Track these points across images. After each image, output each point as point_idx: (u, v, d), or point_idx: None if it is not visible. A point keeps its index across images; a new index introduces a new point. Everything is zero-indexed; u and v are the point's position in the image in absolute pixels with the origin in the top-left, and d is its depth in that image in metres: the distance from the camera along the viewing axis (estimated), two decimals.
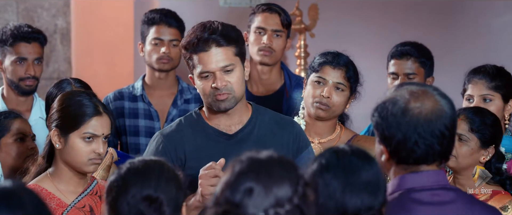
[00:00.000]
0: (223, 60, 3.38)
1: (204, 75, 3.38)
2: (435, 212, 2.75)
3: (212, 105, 3.41)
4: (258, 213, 2.10)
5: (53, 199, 3.27)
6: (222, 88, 3.36)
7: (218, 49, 3.37)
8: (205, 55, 3.37)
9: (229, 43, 3.40)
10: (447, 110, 2.77)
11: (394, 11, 6.02)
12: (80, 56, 6.20)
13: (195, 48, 3.37)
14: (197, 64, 3.39)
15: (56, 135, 3.30)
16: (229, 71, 3.39)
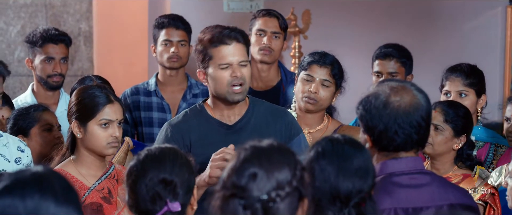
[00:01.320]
0: (241, 55, 3.40)
1: (223, 67, 3.38)
2: (413, 193, 2.77)
3: (226, 95, 3.40)
4: (262, 195, 2.11)
5: (76, 182, 3.27)
6: (240, 77, 3.37)
7: (238, 44, 3.39)
8: (226, 48, 3.38)
9: (245, 42, 3.44)
10: (423, 103, 2.79)
11: (377, 16, 6.01)
12: (100, 56, 6.16)
13: (216, 42, 3.38)
14: (215, 57, 3.39)
15: (76, 126, 3.31)
16: (244, 66, 3.41)
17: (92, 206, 3.27)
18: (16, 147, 3.53)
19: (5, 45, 6.25)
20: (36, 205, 1.88)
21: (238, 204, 2.12)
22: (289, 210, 2.13)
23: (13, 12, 6.24)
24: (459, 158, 3.63)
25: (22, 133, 3.91)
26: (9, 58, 6.11)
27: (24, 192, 1.89)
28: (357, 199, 2.44)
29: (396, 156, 2.81)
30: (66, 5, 6.27)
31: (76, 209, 1.92)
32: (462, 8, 6.11)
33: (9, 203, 1.88)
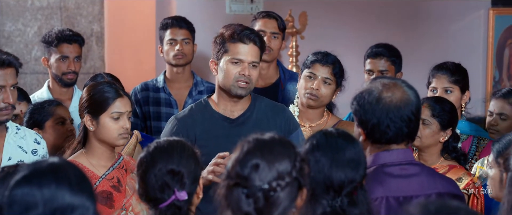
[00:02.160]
0: (254, 57, 3.43)
1: (234, 61, 3.41)
2: (404, 183, 2.78)
3: (231, 88, 3.42)
4: (263, 185, 2.11)
5: (87, 172, 3.23)
6: (247, 76, 3.39)
7: (254, 47, 3.43)
8: (243, 47, 3.41)
9: (261, 47, 3.46)
10: (413, 98, 2.79)
11: (369, 18, 6.01)
12: (111, 55, 6.16)
13: (235, 38, 3.40)
14: (230, 51, 3.41)
15: (89, 120, 3.29)
16: (254, 67, 3.43)
17: (102, 194, 3.25)
18: (33, 139, 3.51)
19: (23, 45, 6.26)
20: (53, 194, 1.88)
21: (241, 193, 2.12)
22: (288, 199, 2.13)
23: (30, 14, 6.25)
24: (445, 150, 3.63)
25: (37, 126, 3.90)
26: (26, 57, 6.13)
27: (41, 181, 1.89)
28: (349, 189, 2.43)
29: (388, 148, 2.81)
30: (79, 8, 6.30)
31: (89, 198, 1.92)
32: (447, 10, 6.12)
33: (27, 191, 1.88)
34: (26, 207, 1.87)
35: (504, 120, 4.06)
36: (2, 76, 3.22)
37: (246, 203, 2.11)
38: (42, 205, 1.87)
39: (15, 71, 3.27)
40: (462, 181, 3.46)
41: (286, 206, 2.12)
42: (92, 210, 1.91)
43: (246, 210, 2.11)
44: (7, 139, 3.39)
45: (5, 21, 6.18)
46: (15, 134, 3.43)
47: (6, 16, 6.17)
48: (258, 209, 2.10)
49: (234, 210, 2.13)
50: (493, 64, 6.12)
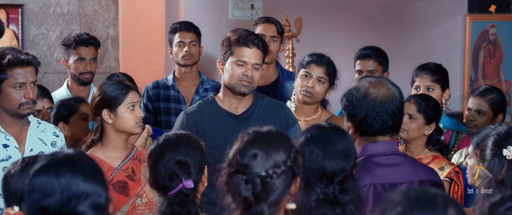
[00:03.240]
0: (257, 59, 3.44)
1: (239, 63, 3.42)
2: (389, 171, 2.78)
3: (235, 87, 3.44)
4: (261, 172, 2.11)
5: (104, 165, 3.22)
6: (250, 77, 3.41)
7: (257, 50, 3.44)
8: (247, 50, 3.42)
9: (264, 50, 3.48)
10: (397, 95, 2.80)
11: (358, 23, 6.01)
12: (125, 56, 6.18)
13: (241, 42, 3.42)
14: (235, 53, 3.43)
15: (107, 114, 3.25)
16: (257, 69, 3.45)
17: (119, 183, 3.23)
18: (52, 132, 3.49)
19: (46, 48, 6.27)
20: (68, 182, 1.87)
21: (241, 179, 2.12)
22: (283, 186, 2.12)
23: (53, 20, 6.28)
24: (429, 142, 3.62)
25: (63, 120, 3.88)
26: (49, 59, 6.15)
27: (58, 170, 1.88)
28: (341, 177, 2.42)
29: (375, 140, 2.81)
30: (96, 14, 6.33)
31: (102, 186, 1.92)
32: (429, 16, 6.13)
33: (45, 180, 1.88)
34: (45, 194, 1.86)
35: (481, 116, 4.08)
36: (23, 74, 3.22)
37: (245, 188, 2.11)
38: (59, 192, 1.86)
39: (34, 69, 3.26)
40: (444, 169, 3.45)
41: (281, 192, 2.12)
42: (105, 197, 1.90)
43: (245, 195, 2.11)
44: (29, 132, 3.37)
45: (30, 26, 6.20)
46: (36, 128, 3.41)
47: (31, 21, 6.19)
48: (256, 194, 2.10)
49: (234, 195, 2.13)
50: (470, 65, 6.13)
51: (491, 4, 6.03)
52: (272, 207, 2.10)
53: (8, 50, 3.23)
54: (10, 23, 6.11)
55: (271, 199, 2.10)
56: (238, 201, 2.12)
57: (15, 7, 6.13)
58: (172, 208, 2.48)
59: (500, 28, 6.09)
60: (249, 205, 2.10)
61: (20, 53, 3.23)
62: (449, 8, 6.11)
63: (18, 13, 6.13)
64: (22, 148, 3.33)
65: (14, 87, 3.21)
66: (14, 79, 3.20)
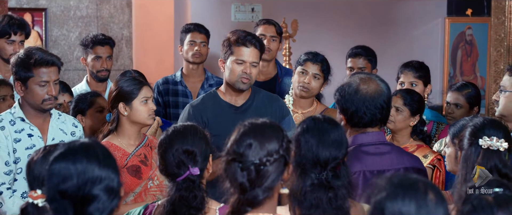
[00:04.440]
0: (255, 58, 3.44)
1: (238, 62, 3.42)
2: (378, 159, 2.77)
3: (235, 83, 3.44)
4: (255, 161, 2.09)
5: (119, 150, 3.23)
6: (248, 74, 3.41)
7: (255, 49, 3.43)
8: (246, 50, 3.42)
9: (261, 50, 3.47)
10: (385, 90, 2.79)
11: (349, 25, 6.01)
12: (138, 55, 6.19)
13: (239, 42, 3.41)
14: (235, 53, 3.42)
15: (123, 107, 3.25)
16: (254, 66, 3.44)
17: (132, 167, 3.23)
18: (72, 123, 3.48)
19: (67, 47, 6.31)
20: (84, 168, 1.88)
21: (237, 167, 2.11)
22: (276, 172, 2.11)
23: (73, 22, 6.33)
24: (413, 132, 3.61)
25: (81, 113, 3.87)
26: (69, 57, 6.20)
27: (75, 157, 1.89)
28: (333, 164, 2.40)
29: (365, 131, 2.81)
30: (112, 17, 6.38)
31: (115, 171, 1.92)
32: (412, 19, 6.14)
33: (63, 166, 1.88)
34: (63, 179, 1.87)
35: (459, 109, 4.09)
36: (47, 74, 3.22)
37: (241, 175, 2.09)
38: (76, 177, 1.86)
39: (57, 69, 3.27)
40: (428, 157, 3.44)
41: (274, 179, 2.10)
42: (117, 181, 1.90)
43: (240, 181, 2.09)
44: (51, 123, 3.37)
45: (53, 28, 6.26)
46: (57, 119, 3.41)
47: (53, 24, 6.25)
48: (251, 180, 2.09)
49: (231, 181, 2.12)
50: (449, 62, 6.13)
51: (468, 8, 6.03)
52: (266, 192, 2.09)
53: (35, 50, 3.24)
54: (35, 25, 6.20)
55: (265, 185, 2.08)
56: (235, 186, 2.11)
57: (39, 10, 6.23)
58: (180, 192, 2.46)
59: (476, 29, 6.10)
60: (245, 190, 2.09)
61: (45, 54, 3.24)
62: (430, 12, 6.12)
63: (42, 16, 6.23)
64: (45, 137, 3.33)
65: (39, 85, 3.22)
66: (39, 78, 3.21)
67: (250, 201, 2.08)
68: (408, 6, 6.07)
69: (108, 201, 1.87)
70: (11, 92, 3.78)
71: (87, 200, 1.86)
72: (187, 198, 2.44)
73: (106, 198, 1.87)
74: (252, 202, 2.08)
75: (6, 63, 4.22)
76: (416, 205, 1.75)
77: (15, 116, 3.29)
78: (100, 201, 1.86)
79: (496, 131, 2.55)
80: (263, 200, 2.09)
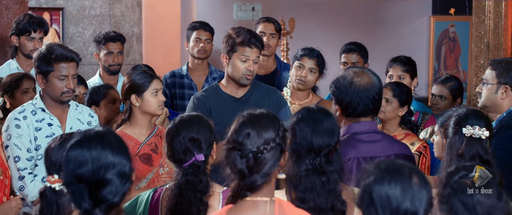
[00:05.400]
0: (256, 55, 3.44)
1: (243, 59, 3.41)
2: (370, 147, 2.76)
3: (239, 79, 3.44)
4: (253, 149, 2.07)
5: (132, 139, 3.22)
6: (252, 71, 3.42)
7: (257, 49, 3.44)
8: (249, 50, 3.42)
9: (261, 47, 3.47)
10: (377, 83, 2.78)
11: (342, 23, 6.00)
12: (147, 51, 6.19)
13: (244, 43, 3.40)
14: (239, 52, 3.41)
15: (135, 98, 3.25)
16: (256, 63, 3.45)
17: (144, 155, 3.22)
18: (88, 113, 3.48)
19: (82, 43, 6.32)
20: (98, 154, 1.87)
21: (237, 154, 2.09)
22: (273, 159, 2.09)
23: (87, 20, 6.33)
24: (402, 122, 3.60)
25: (95, 104, 3.86)
26: (84, 53, 6.22)
27: (90, 145, 1.88)
28: (326, 151, 2.38)
29: (358, 120, 2.79)
30: (123, 15, 6.37)
31: (126, 157, 1.91)
32: (400, 17, 6.14)
33: (79, 152, 1.87)
34: (79, 164, 1.86)
35: (443, 100, 4.09)
36: (66, 69, 3.22)
37: (240, 162, 2.07)
38: (91, 163, 1.86)
39: (76, 64, 3.27)
40: (415, 144, 3.44)
41: (271, 165, 2.08)
42: (128, 167, 1.89)
43: (240, 167, 2.08)
44: (69, 113, 3.37)
45: (69, 26, 6.27)
46: (75, 110, 3.41)
47: (69, 22, 6.26)
48: (249, 167, 2.07)
49: (231, 167, 2.10)
50: (434, 57, 6.12)
51: (451, 8, 6.02)
52: (264, 178, 2.07)
53: (56, 47, 3.24)
54: (53, 23, 6.23)
55: (262, 171, 2.06)
56: (235, 172, 2.09)
57: (57, 10, 6.25)
58: (186, 177, 2.44)
59: (459, 27, 6.09)
60: (244, 176, 2.07)
61: (65, 50, 3.24)
62: (416, 11, 6.10)
63: (59, 15, 6.25)
64: (63, 126, 3.33)
65: (58, 79, 3.22)
66: (59, 72, 3.21)
67: (249, 186, 2.07)
68: (396, 6, 6.06)
69: (120, 185, 1.87)
70: (33, 85, 3.77)
71: (101, 184, 1.85)
72: (193, 182, 2.43)
73: (118, 182, 1.86)
74: (251, 187, 2.07)
75: (27, 58, 4.25)
76: (401, 188, 1.74)
77: (36, 107, 3.29)
78: (113, 185, 1.85)
79: (479, 120, 2.57)
80: (261, 185, 2.07)
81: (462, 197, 1.93)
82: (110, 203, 1.86)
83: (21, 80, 3.74)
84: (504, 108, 3.11)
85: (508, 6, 5.26)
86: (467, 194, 1.92)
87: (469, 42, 5.79)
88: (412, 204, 1.73)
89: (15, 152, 3.20)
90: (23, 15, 4.34)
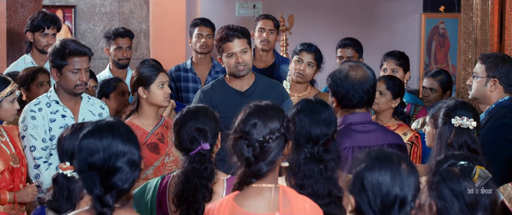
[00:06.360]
0: (242, 46, 3.37)
1: (229, 55, 3.36)
2: (364, 136, 2.75)
3: (234, 73, 3.40)
4: (259, 138, 2.07)
5: (140, 129, 3.22)
6: (241, 62, 3.36)
7: (239, 40, 3.36)
8: (231, 44, 3.36)
9: (244, 35, 3.39)
10: (371, 76, 2.77)
11: (339, 20, 5.99)
12: (154, 46, 6.17)
13: (223, 40, 3.36)
14: (225, 49, 3.37)
15: (142, 90, 3.23)
16: (245, 52, 3.38)
17: (151, 144, 3.21)
18: (99, 105, 3.46)
19: (93, 39, 6.33)
20: (109, 143, 1.86)
21: (243, 143, 2.08)
22: (278, 148, 2.09)
23: (98, 17, 6.35)
24: (395, 113, 3.59)
25: (105, 96, 3.84)
26: (95, 48, 6.24)
27: (101, 134, 1.87)
28: (324, 140, 2.38)
29: (353, 112, 2.79)
30: (132, 12, 6.38)
31: (135, 146, 1.90)
32: (393, 14, 6.13)
33: (91, 142, 1.87)
34: (91, 153, 1.86)
35: (434, 92, 4.07)
36: (80, 62, 3.21)
37: (247, 150, 2.07)
38: (102, 151, 1.85)
39: (88, 58, 3.26)
40: (407, 134, 3.43)
41: (276, 154, 2.08)
42: (138, 155, 1.89)
43: (246, 156, 2.07)
44: (81, 105, 3.36)
45: (81, 22, 6.29)
46: (87, 102, 3.39)
47: (81, 19, 6.28)
48: (255, 155, 2.07)
49: (238, 156, 2.10)
50: (425, 52, 6.11)
51: (441, 5, 6.02)
52: (269, 165, 2.07)
53: (69, 42, 3.23)
54: (65, 20, 6.25)
55: (268, 159, 2.06)
56: (242, 160, 2.08)
57: (69, 7, 6.27)
58: (192, 165, 2.44)
59: (448, 24, 6.08)
60: (250, 164, 2.07)
61: (79, 45, 3.23)
62: (408, 9, 6.09)
63: (72, 12, 6.28)
64: (76, 118, 3.32)
65: (72, 72, 3.21)
66: (72, 66, 3.20)
67: (255, 174, 2.07)
68: (390, 4, 6.05)
69: (130, 172, 1.86)
70: (47, 78, 3.77)
71: (112, 171, 1.84)
72: (199, 169, 2.43)
73: (128, 170, 1.86)
74: (257, 174, 2.07)
75: (41, 53, 4.25)
76: (391, 174, 1.74)
77: (51, 99, 3.29)
78: (123, 172, 1.85)
79: (467, 111, 2.57)
80: (266, 172, 2.07)
81: (450, 184, 1.92)
82: (120, 189, 1.85)
83: (36, 74, 3.74)
84: (493, 100, 3.11)
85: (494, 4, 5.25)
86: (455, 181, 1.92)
87: (458, 38, 5.78)
88: (401, 189, 1.74)
89: (31, 142, 3.20)
90: (37, 12, 4.34)
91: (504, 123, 3.01)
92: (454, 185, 1.92)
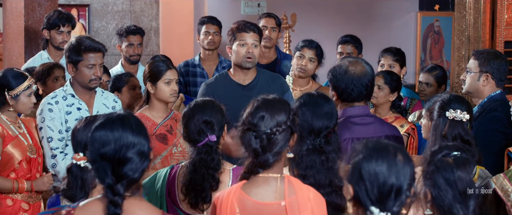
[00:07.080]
0: (255, 39, 3.37)
1: (242, 44, 3.35)
2: (363, 128, 2.74)
3: (241, 63, 3.38)
4: (266, 130, 2.06)
5: (150, 120, 3.22)
6: (251, 53, 3.35)
7: (254, 33, 3.37)
8: (247, 34, 3.36)
9: (259, 33, 3.41)
10: (369, 71, 2.76)
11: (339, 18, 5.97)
12: (164, 43, 6.17)
13: (240, 29, 3.36)
14: (238, 38, 3.37)
15: (150, 86, 3.25)
16: (256, 46, 3.38)
17: (160, 135, 3.22)
18: (112, 99, 3.46)
19: (106, 36, 6.34)
20: (120, 135, 1.86)
21: (251, 135, 2.08)
22: (284, 140, 2.08)
23: (111, 15, 6.36)
24: (392, 106, 3.58)
25: (117, 90, 3.84)
26: (108, 45, 6.26)
27: (112, 126, 1.87)
28: (325, 132, 2.38)
29: (352, 105, 2.78)
30: (143, 11, 6.39)
31: (145, 138, 1.89)
32: (390, 13, 6.12)
33: (103, 133, 1.86)
34: (103, 144, 1.85)
35: (429, 87, 4.06)
36: (94, 58, 3.21)
37: (254, 142, 2.06)
38: (113, 143, 1.84)
39: (102, 54, 3.26)
40: (404, 127, 3.42)
41: (282, 145, 2.07)
42: (147, 146, 1.88)
43: (254, 147, 2.06)
44: (96, 99, 3.36)
45: (94, 20, 6.30)
46: (101, 96, 3.40)
47: (94, 17, 6.29)
48: (263, 146, 2.06)
49: (246, 147, 2.09)
50: (420, 49, 6.09)
51: (436, 4, 5.99)
52: (275, 156, 2.06)
53: (85, 39, 3.24)
54: (80, 18, 6.26)
55: (274, 150, 2.06)
56: (249, 151, 2.08)
57: (83, 6, 6.28)
58: (200, 155, 2.43)
59: (443, 22, 6.06)
60: (258, 155, 2.06)
61: (93, 42, 3.23)
62: (404, 7, 6.07)
63: (86, 11, 6.29)
64: (91, 111, 3.32)
65: (87, 67, 3.21)
66: (87, 61, 3.20)
67: (262, 164, 2.06)
68: (387, 3, 6.04)
69: (140, 162, 1.85)
70: (63, 73, 3.78)
71: (122, 161, 1.84)
72: (206, 160, 2.42)
73: (138, 160, 1.85)
74: (264, 165, 2.06)
75: (57, 50, 4.27)
76: (388, 165, 1.73)
77: (67, 93, 3.29)
78: (133, 162, 1.84)
79: (460, 105, 2.56)
80: (273, 163, 2.06)
81: (444, 173, 1.92)
82: (130, 179, 1.84)
83: (52, 69, 3.75)
84: (486, 94, 3.11)
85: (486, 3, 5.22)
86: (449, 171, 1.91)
87: (452, 35, 5.75)
88: (397, 179, 1.73)
89: (48, 133, 3.20)
90: (53, 11, 4.36)
91: (495, 115, 3.01)
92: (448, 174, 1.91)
